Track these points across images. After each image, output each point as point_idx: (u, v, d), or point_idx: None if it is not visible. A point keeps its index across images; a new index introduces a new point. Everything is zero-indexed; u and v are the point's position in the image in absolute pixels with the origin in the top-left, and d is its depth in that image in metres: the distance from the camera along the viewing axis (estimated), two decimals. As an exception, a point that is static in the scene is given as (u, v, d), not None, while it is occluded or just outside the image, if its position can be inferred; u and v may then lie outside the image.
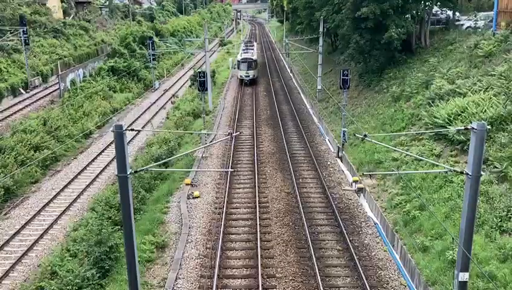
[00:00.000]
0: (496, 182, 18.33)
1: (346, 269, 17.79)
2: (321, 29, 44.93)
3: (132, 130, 12.12)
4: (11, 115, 38.20)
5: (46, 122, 35.33)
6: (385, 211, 21.62)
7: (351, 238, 19.82)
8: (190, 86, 54.79)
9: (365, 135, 12.67)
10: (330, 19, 42.74)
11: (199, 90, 32.69)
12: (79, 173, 29.72)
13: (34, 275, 18.56)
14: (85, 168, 30.67)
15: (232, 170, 27.45)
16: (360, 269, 17.34)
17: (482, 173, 10.48)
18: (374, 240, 19.94)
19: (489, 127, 10.54)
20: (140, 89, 55.04)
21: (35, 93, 45.05)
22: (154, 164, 22.36)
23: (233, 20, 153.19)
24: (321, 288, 16.28)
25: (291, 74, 64.88)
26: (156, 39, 67.37)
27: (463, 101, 23.28)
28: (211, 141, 33.20)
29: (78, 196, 26.42)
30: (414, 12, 34.55)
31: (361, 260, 18.23)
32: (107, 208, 22.66)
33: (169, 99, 50.90)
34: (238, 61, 57.34)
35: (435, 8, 38.33)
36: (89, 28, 67.51)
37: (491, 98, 22.29)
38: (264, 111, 43.59)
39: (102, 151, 34.01)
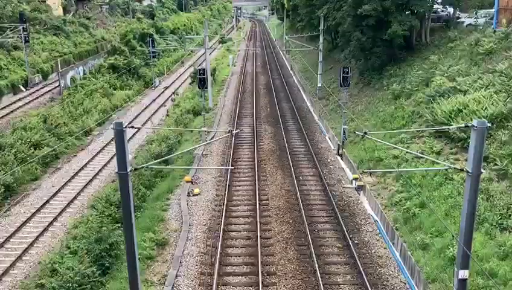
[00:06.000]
0: (496, 179, 18.33)
1: (346, 267, 17.80)
2: (321, 27, 44.87)
3: (132, 127, 12.11)
4: (11, 112, 38.18)
5: (46, 119, 35.30)
6: (385, 208, 21.62)
7: (351, 236, 19.81)
8: (190, 84, 54.74)
9: (365, 133, 12.65)
10: (331, 16, 42.69)
11: (199, 87, 32.67)
12: (79, 171, 29.71)
13: (34, 273, 18.57)
14: (85, 165, 30.66)
15: (232, 167, 27.44)
16: (360, 266, 17.34)
17: (482, 170, 10.47)
18: (374, 238, 19.94)
19: (489, 124, 10.53)
20: (141, 87, 54.98)
21: (35, 91, 45.02)
22: (154, 161, 22.37)
23: (233, 17, 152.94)
24: (321, 285, 16.29)
25: (291, 72, 64.80)
26: (156, 36, 67.30)
27: (464, 99, 23.27)
28: (211, 139, 33.19)
29: (78, 194, 26.41)
30: (418, 9, 34.51)
31: (361, 258, 18.23)
32: (107, 205, 22.66)
33: (169, 96, 50.85)
34: None
35: (436, 6, 38.27)
36: (89, 25, 67.42)
37: (491, 95, 22.27)
38: (264, 109, 43.56)
39: (103, 148, 33.99)
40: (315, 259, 17.88)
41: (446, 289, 15.00)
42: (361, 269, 17.16)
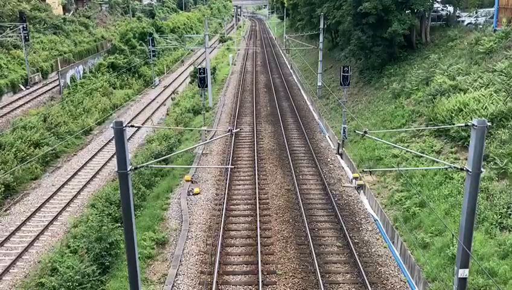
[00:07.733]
0: (496, 178, 18.31)
1: (346, 266, 17.81)
2: (321, 26, 44.84)
3: (132, 126, 12.08)
4: (11, 111, 38.18)
5: (46, 118, 35.31)
6: (385, 207, 21.63)
7: (351, 235, 19.83)
8: (190, 83, 54.75)
9: (365, 132, 12.62)
10: (331, 15, 42.65)
11: (199, 86, 32.67)
12: (79, 170, 29.72)
13: (34, 272, 18.58)
14: (85, 164, 30.67)
15: (233, 166, 27.45)
16: (360, 265, 17.35)
17: (482, 169, 10.47)
18: (373, 237, 19.95)
19: (489, 123, 10.52)
20: (141, 86, 55.01)
21: (35, 90, 45.00)
22: (155, 160, 22.37)
23: (233, 16, 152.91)
24: (321, 284, 16.30)
25: (291, 70, 64.78)
26: (156, 35, 67.26)
27: (464, 98, 23.25)
28: (211, 138, 33.20)
29: (78, 193, 26.43)
30: (418, 8, 34.47)
31: (361, 257, 18.24)
32: (107, 204, 22.67)
33: (169, 95, 50.85)
34: None
35: (436, 4, 38.24)
36: (88, 24, 67.39)
37: (491, 94, 22.25)
38: (264, 107, 43.55)
39: (102, 147, 34.01)
40: (315, 258, 17.89)
41: (446, 288, 15.01)
42: (361, 267, 17.17)
